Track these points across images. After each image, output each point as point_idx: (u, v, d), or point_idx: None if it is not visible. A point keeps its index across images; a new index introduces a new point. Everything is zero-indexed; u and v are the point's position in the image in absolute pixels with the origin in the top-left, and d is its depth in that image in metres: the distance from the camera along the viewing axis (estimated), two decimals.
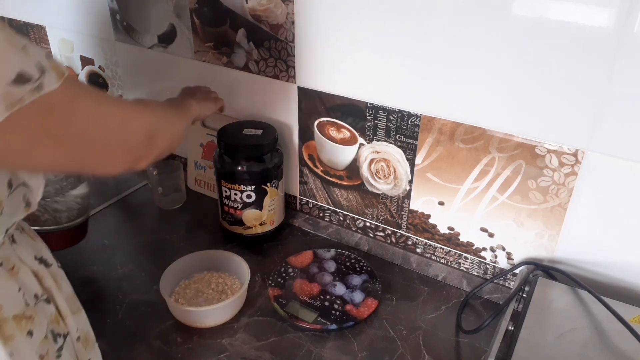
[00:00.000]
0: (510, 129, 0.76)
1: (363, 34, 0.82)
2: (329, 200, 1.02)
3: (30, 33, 1.32)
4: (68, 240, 0.88)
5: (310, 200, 1.05)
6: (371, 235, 1.00)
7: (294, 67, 0.92)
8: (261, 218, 0.96)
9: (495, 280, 0.88)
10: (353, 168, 0.95)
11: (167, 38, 1.07)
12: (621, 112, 0.67)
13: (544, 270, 0.80)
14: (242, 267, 0.85)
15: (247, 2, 0.91)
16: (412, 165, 0.88)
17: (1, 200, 0.50)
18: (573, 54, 0.67)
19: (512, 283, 0.87)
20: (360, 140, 0.91)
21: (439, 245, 0.92)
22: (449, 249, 0.91)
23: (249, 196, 0.93)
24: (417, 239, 0.94)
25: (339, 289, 0.87)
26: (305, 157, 1.00)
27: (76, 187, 0.89)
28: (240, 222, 0.96)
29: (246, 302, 0.85)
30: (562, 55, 0.68)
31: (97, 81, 1.27)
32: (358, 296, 0.86)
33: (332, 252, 0.96)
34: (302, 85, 0.93)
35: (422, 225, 0.92)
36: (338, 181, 0.98)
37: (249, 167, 0.91)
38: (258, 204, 0.94)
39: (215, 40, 1.00)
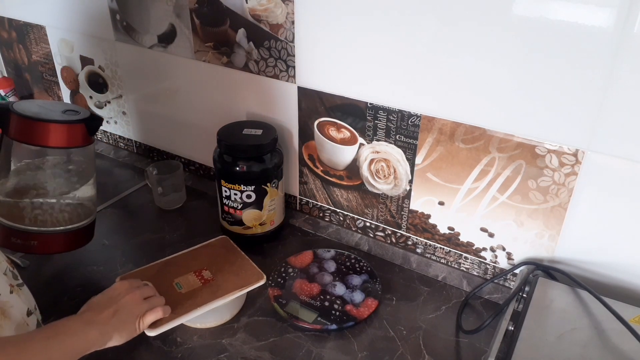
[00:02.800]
0: (510, 129, 0.76)
1: (363, 34, 0.82)
2: (329, 200, 1.02)
3: (30, 33, 1.32)
4: (67, 244, 0.87)
5: (310, 200, 1.05)
6: (371, 235, 1.00)
7: (294, 67, 0.92)
8: (261, 218, 0.96)
9: (496, 281, 0.88)
10: (353, 168, 0.95)
11: (167, 38, 1.07)
12: (621, 112, 0.67)
13: (544, 270, 0.80)
14: None
15: (247, 2, 0.91)
16: (412, 165, 0.88)
17: None
18: (573, 54, 0.67)
19: (512, 283, 0.87)
20: (360, 140, 0.91)
21: (439, 245, 0.92)
22: (449, 249, 0.91)
23: (249, 196, 0.93)
24: (417, 239, 0.94)
25: (339, 289, 0.87)
26: (305, 157, 1.00)
27: (81, 188, 0.87)
28: (240, 222, 0.96)
29: (246, 302, 0.85)
30: (562, 55, 0.68)
31: (97, 81, 1.27)
32: (358, 296, 0.86)
33: (332, 252, 0.96)
34: (302, 85, 0.93)
35: (422, 225, 0.92)
36: (338, 181, 0.98)
37: (249, 167, 0.91)
38: (258, 204, 0.94)
39: (215, 40, 1.00)
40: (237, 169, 0.91)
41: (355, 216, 1.00)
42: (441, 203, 0.88)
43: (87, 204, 0.88)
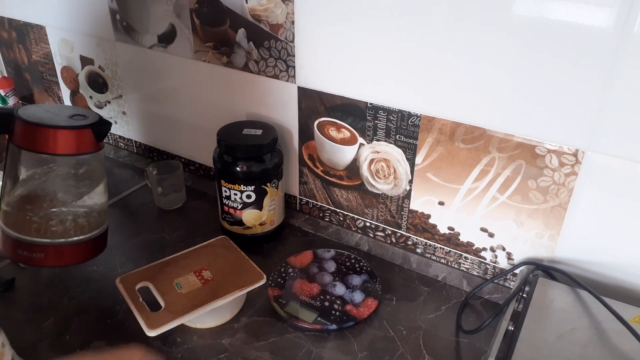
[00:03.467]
0: (510, 129, 0.76)
1: (363, 34, 0.82)
2: (329, 200, 1.02)
3: (30, 33, 1.32)
4: (78, 255, 0.82)
5: (310, 200, 1.05)
6: (371, 235, 1.00)
7: (294, 67, 0.92)
8: (261, 218, 0.96)
9: (496, 281, 0.88)
10: (353, 168, 0.95)
11: (167, 38, 1.07)
12: (621, 112, 0.67)
13: (544, 270, 0.80)
14: None
15: (247, 2, 0.91)
16: (412, 165, 0.88)
17: None
18: (573, 53, 0.67)
19: (512, 283, 0.87)
20: (360, 140, 0.91)
21: (439, 245, 0.92)
22: (449, 249, 0.91)
23: (248, 196, 0.93)
24: (417, 239, 0.94)
25: (339, 289, 0.87)
26: (305, 157, 1.00)
27: (91, 197, 0.83)
28: (240, 222, 0.96)
29: (246, 302, 0.85)
30: (562, 55, 0.68)
31: (97, 81, 1.27)
32: (358, 296, 0.86)
33: (332, 252, 0.96)
34: (302, 85, 0.93)
35: (422, 225, 0.92)
36: (338, 181, 0.98)
37: (249, 167, 0.91)
38: (258, 204, 0.94)
39: (215, 40, 1.00)
40: (237, 169, 0.91)
41: (355, 216, 1.00)
42: (441, 203, 0.88)
43: (98, 213, 0.85)
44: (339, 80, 0.88)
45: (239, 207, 0.94)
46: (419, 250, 0.95)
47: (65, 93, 1.37)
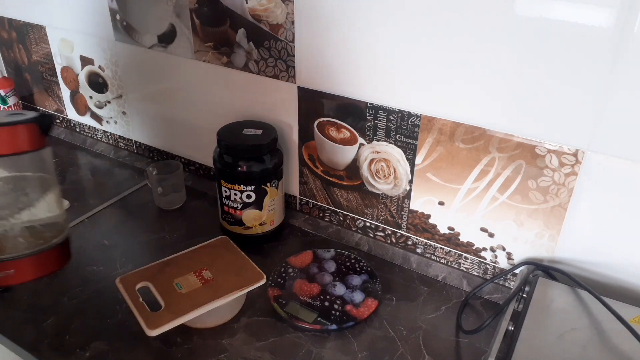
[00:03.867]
0: (510, 129, 0.76)
1: (363, 34, 0.82)
2: (329, 200, 1.02)
3: (30, 33, 1.32)
4: (34, 270, 0.74)
5: (310, 200, 1.05)
6: (371, 235, 1.00)
7: (294, 67, 0.92)
8: (261, 218, 0.96)
9: (496, 281, 0.88)
10: (353, 168, 0.95)
11: (167, 38, 1.07)
12: (621, 112, 0.67)
13: (544, 270, 0.80)
14: None
15: (247, 2, 0.91)
16: (412, 165, 0.88)
17: None
18: (573, 53, 0.67)
19: (512, 283, 0.87)
20: (360, 140, 0.91)
21: (439, 245, 0.92)
22: (449, 249, 0.91)
23: (248, 196, 0.93)
24: (417, 239, 0.94)
25: (339, 289, 0.87)
26: (305, 157, 1.00)
27: (42, 203, 0.76)
28: (240, 222, 0.96)
29: (246, 302, 0.85)
30: (562, 55, 0.68)
31: (97, 81, 1.27)
32: (358, 296, 0.86)
33: (332, 252, 0.96)
34: (302, 85, 0.93)
35: (422, 225, 0.92)
36: (338, 181, 0.98)
37: (249, 167, 0.91)
38: (258, 204, 0.94)
39: (215, 40, 1.00)
40: (237, 169, 0.91)
41: (355, 216, 1.00)
42: (441, 203, 0.88)
43: (52, 221, 0.77)
44: (339, 80, 0.88)
45: (239, 207, 0.94)
46: (419, 250, 0.95)
47: (65, 93, 1.37)
